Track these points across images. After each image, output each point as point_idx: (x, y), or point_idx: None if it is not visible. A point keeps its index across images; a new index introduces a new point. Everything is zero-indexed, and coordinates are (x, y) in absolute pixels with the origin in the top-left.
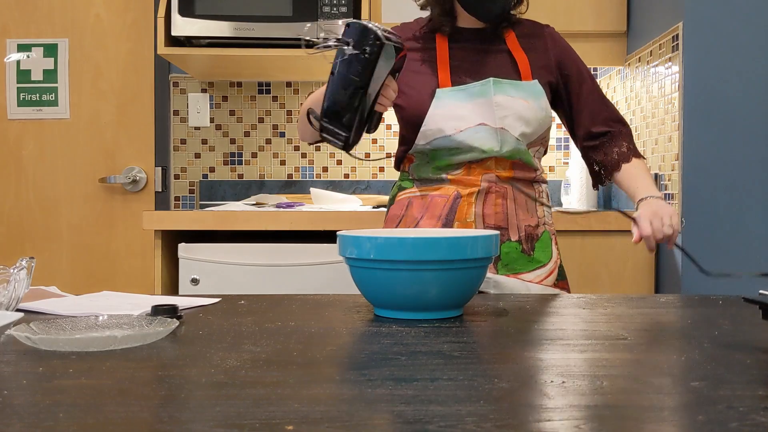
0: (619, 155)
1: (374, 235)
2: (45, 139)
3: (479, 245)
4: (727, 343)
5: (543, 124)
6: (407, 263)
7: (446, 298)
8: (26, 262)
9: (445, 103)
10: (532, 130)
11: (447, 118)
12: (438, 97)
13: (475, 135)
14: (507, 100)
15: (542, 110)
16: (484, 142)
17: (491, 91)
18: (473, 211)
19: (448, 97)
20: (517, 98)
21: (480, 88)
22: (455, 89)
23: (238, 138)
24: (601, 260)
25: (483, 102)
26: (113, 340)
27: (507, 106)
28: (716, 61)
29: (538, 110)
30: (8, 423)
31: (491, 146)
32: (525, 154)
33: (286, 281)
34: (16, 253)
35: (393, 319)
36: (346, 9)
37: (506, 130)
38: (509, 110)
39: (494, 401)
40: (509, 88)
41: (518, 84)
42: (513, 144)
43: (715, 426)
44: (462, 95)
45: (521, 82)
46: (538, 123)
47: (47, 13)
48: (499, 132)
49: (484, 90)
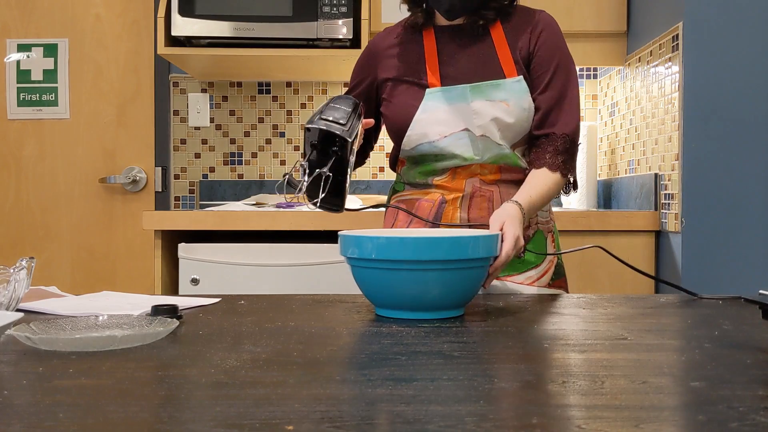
0: (536, 160)
1: (376, 235)
2: (45, 139)
3: (480, 245)
4: (727, 343)
5: (526, 122)
6: (409, 263)
7: (448, 298)
8: (26, 262)
9: (432, 106)
10: (514, 134)
11: (432, 123)
12: (427, 99)
13: (457, 142)
14: (485, 106)
15: (524, 110)
16: (465, 149)
17: (468, 98)
18: (458, 216)
19: (436, 99)
20: (496, 102)
21: (459, 93)
22: (444, 90)
23: (238, 138)
24: (601, 260)
25: (463, 106)
26: (113, 340)
27: (485, 113)
28: (716, 61)
29: (519, 111)
30: (8, 423)
31: (471, 155)
32: (509, 158)
33: (286, 281)
34: (16, 253)
35: (393, 319)
36: (346, 9)
37: (487, 137)
38: (488, 116)
39: (494, 401)
40: (490, 90)
41: (499, 84)
42: (495, 150)
43: (715, 426)
44: (448, 96)
45: (503, 81)
46: (520, 124)
47: (47, 13)
48: (480, 140)
49: (463, 95)
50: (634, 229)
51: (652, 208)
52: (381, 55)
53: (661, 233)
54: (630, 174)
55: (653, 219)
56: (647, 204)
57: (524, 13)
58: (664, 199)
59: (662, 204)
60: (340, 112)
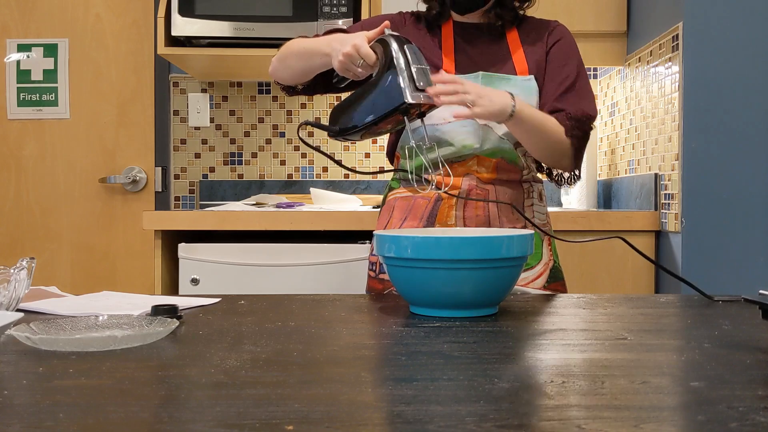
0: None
1: (412, 234)
2: (45, 139)
3: (514, 244)
4: (727, 343)
5: None
6: (444, 262)
7: (482, 296)
8: (26, 262)
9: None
10: None
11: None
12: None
13: (460, 129)
14: None
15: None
16: (465, 137)
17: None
18: (454, 214)
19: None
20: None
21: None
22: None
23: (238, 138)
24: (601, 260)
25: None
26: (113, 340)
27: None
28: (716, 61)
29: None
30: (8, 423)
31: (471, 143)
32: (508, 153)
33: (286, 281)
34: (16, 253)
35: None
36: (346, 9)
37: (489, 128)
38: None
39: (494, 401)
40: (499, 83)
41: (510, 79)
42: (495, 142)
43: (715, 426)
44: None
45: (515, 76)
46: None
47: (47, 13)
48: (482, 129)
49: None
50: (634, 229)
51: (652, 208)
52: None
53: (661, 233)
54: (630, 174)
55: (653, 219)
56: (647, 204)
57: (540, 22)
58: (664, 199)
59: (662, 204)
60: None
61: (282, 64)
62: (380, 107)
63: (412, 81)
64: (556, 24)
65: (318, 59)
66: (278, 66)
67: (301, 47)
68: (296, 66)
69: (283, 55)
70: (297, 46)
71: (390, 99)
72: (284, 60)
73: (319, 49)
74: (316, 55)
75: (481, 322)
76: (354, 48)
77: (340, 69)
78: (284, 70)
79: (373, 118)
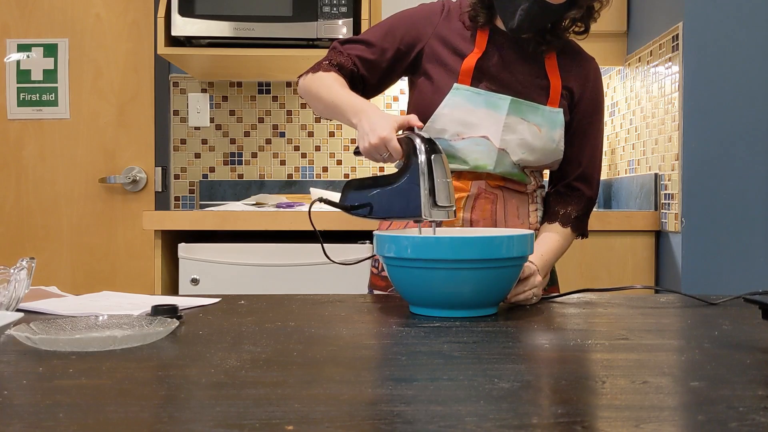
0: (558, 214)
1: (412, 234)
2: (45, 139)
3: (514, 244)
4: (727, 343)
5: (550, 155)
6: (444, 262)
7: (481, 296)
8: (26, 262)
9: (458, 102)
10: (535, 159)
11: (453, 122)
12: (453, 93)
13: (474, 147)
14: (518, 123)
15: (553, 141)
16: (479, 157)
17: (504, 109)
18: (461, 216)
19: (463, 96)
20: (531, 124)
21: (497, 101)
22: (473, 90)
23: (238, 138)
24: (601, 260)
25: (494, 115)
26: (113, 340)
27: (516, 129)
28: (716, 61)
29: (548, 141)
30: (8, 423)
31: (485, 163)
32: (518, 176)
33: (286, 281)
34: (16, 253)
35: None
36: (346, 9)
37: (506, 152)
38: (517, 134)
39: (494, 401)
40: (527, 111)
41: (539, 108)
42: (508, 167)
43: (715, 426)
44: (478, 100)
45: (543, 107)
46: (544, 153)
47: (47, 13)
48: (499, 152)
49: (500, 105)
50: (634, 229)
51: (652, 208)
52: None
53: (661, 233)
54: (630, 174)
55: (653, 219)
56: (647, 204)
57: (581, 56)
58: (664, 199)
59: (662, 204)
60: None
61: (308, 98)
62: (396, 211)
63: (433, 196)
64: (594, 63)
65: (344, 121)
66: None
67: (329, 99)
68: (323, 111)
69: (309, 94)
70: (326, 94)
71: (406, 208)
72: (310, 99)
73: (347, 116)
74: (343, 117)
75: (481, 322)
76: (382, 141)
77: (364, 153)
78: (310, 103)
79: (386, 216)
